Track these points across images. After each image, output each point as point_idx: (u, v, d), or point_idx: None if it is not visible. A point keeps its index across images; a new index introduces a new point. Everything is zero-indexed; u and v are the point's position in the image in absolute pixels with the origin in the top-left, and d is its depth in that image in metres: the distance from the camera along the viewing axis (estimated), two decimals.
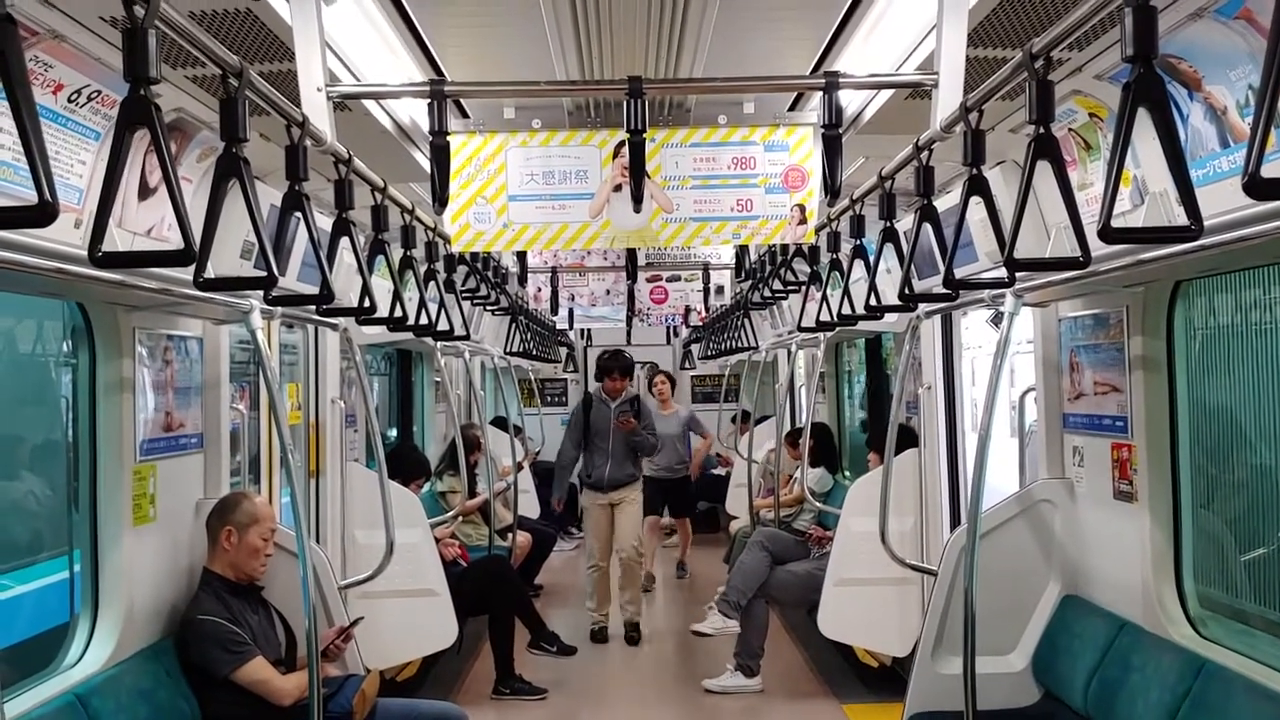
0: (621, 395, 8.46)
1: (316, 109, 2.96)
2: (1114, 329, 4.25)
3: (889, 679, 6.40)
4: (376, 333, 6.06)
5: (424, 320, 4.27)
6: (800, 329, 5.32)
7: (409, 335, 5.03)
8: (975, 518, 3.87)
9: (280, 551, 4.39)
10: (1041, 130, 2.19)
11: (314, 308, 3.00)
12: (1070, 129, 3.89)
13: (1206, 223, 2.80)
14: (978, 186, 2.61)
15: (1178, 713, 3.69)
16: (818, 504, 7.32)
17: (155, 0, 1.75)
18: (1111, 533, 4.38)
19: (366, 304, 3.14)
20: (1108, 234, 1.79)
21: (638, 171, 3.04)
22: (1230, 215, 2.62)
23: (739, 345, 9.38)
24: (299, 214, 2.56)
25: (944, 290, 3.00)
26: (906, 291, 3.31)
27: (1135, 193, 3.65)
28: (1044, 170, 2.35)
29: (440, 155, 3.03)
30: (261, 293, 3.10)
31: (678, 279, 9.05)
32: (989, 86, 2.49)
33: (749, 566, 7.04)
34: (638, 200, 3.10)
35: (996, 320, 7.20)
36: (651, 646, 8.24)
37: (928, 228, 3.27)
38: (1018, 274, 3.74)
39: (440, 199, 3.09)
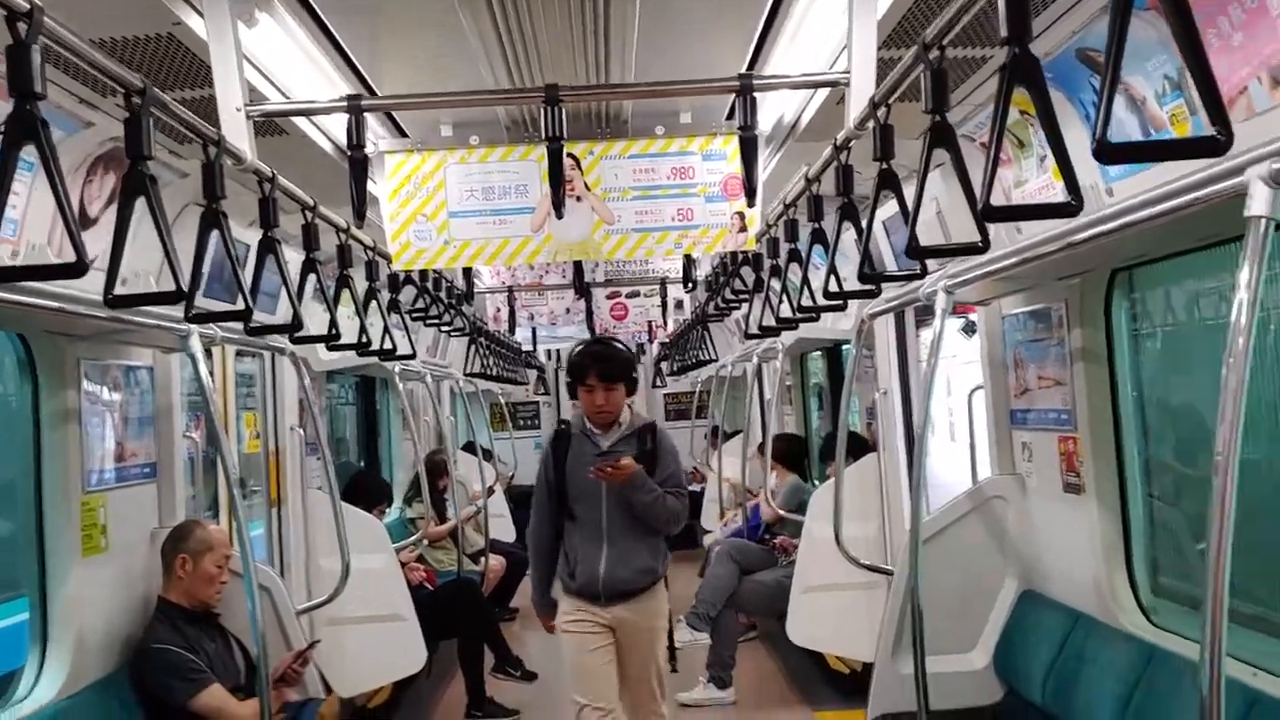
0: (619, 422, 4.68)
1: (236, 129, 2.99)
2: (1054, 323, 4.30)
3: (860, 684, 6.39)
4: (333, 358, 6.07)
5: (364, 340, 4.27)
6: (747, 335, 5.36)
7: (367, 360, 5.05)
8: (917, 515, 3.90)
9: (238, 578, 4.38)
10: (938, 118, 2.23)
11: (244, 329, 2.99)
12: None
13: (1121, 205, 2.88)
14: (888, 181, 2.66)
15: (1130, 700, 3.72)
16: (782, 512, 7.33)
17: (38, 17, 1.77)
18: (1063, 526, 4.42)
19: (294, 321, 3.16)
20: (989, 212, 1.83)
21: (557, 179, 3.08)
22: (1141, 197, 2.66)
23: (703, 359, 9.39)
24: (216, 231, 2.58)
25: (867, 287, 3.04)
26: (829, 290, 3.34)
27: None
28: (978, 164, 2.38)
29: (358, 168, 3.06)
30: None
31: (637, 294, 9.01)
32: (891, 81, 2.54)
33: (717, 578, 7.06)
34: (559, 206, 3.14)
35: (968, 329, 7.24)
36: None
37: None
38: (952, 271, 3.82)
39: (359, 211, 3.12)
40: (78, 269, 1.85)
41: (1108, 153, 1.45)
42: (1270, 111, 2.58)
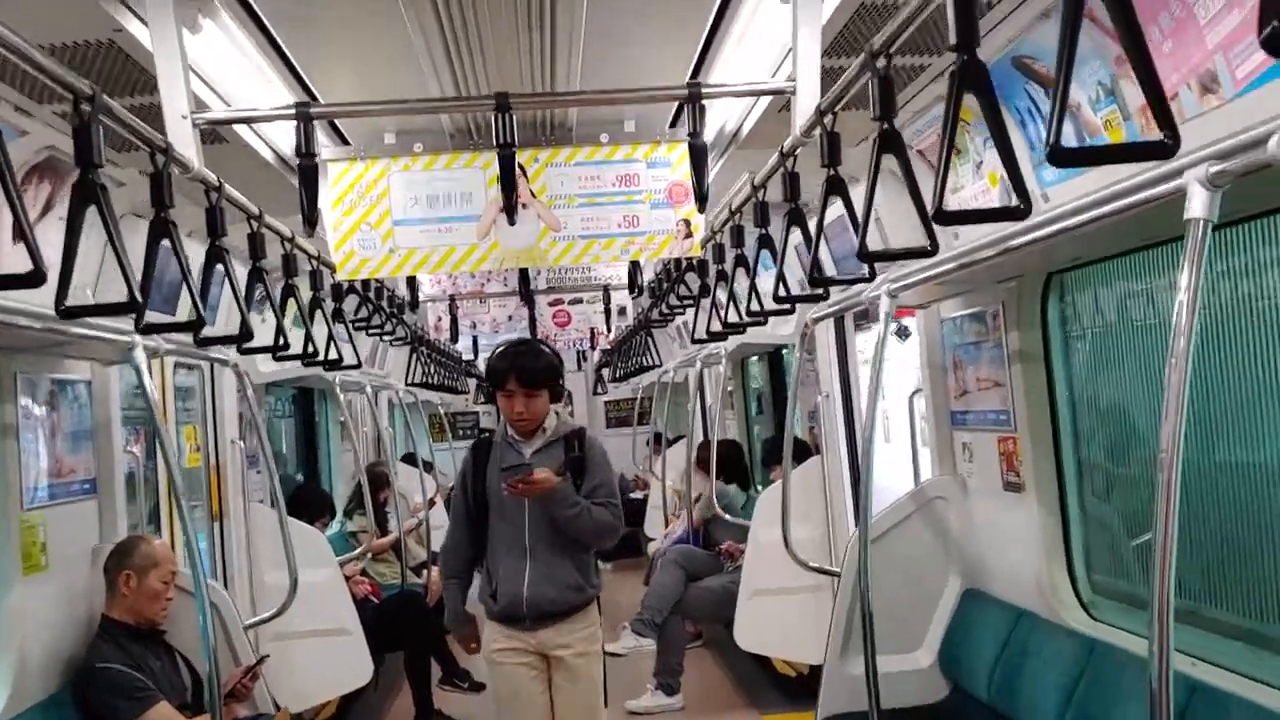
0: (543, 429, 4.37)
1: (183, 137, 2.96)
2: (992, 325, 4.39)
3: (807, 687, 6.45)
4: (274, 370, 6.00)
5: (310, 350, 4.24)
6: (694, 341, 5.40)
7: (308, 370, 5.00)
8: (865, 517, 3.95)
9: (183, 594, 4.32)
10: (886, 126, 2.28)
11: (193, 340, 2.96)
12: (939, 134, 4.02)
13: (1060, 209, 2.96)
14: (835, 187, 2.71)
15: (1074, 692, 3.81)
16: (727, 517, 7.37)
17: None
18: (1004, 524, 4.50)
19: (243, 331, 3.13)
20: (941, 216, 1.88)
21: (509, 186, 3.09)
22: (1078, 202, 2.73)
23: (646, 365, 9.43)
24: (167, 242, 2.55)
25: (816, 291, 3.09)
26: (778, 294, 3.39)
27: (1004, 191, 3.79)
28: (922, 174, 2.44)
29: (308, 177, 3.05)
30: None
31: (579, 301, 9.00)
32: (838, 89, 2.59)
33: (664, 585, 7.10)
34: (510, 212, 3.15)
35: (901, 333, 7.39)
36: None
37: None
38: (894, 276, 3.89)
39: (309, 220, 3.11)
40: (36, 278, 1.82)
41: (1060, 157, 1.50)
42: (1201, 116, 2.67)
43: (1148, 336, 3.91)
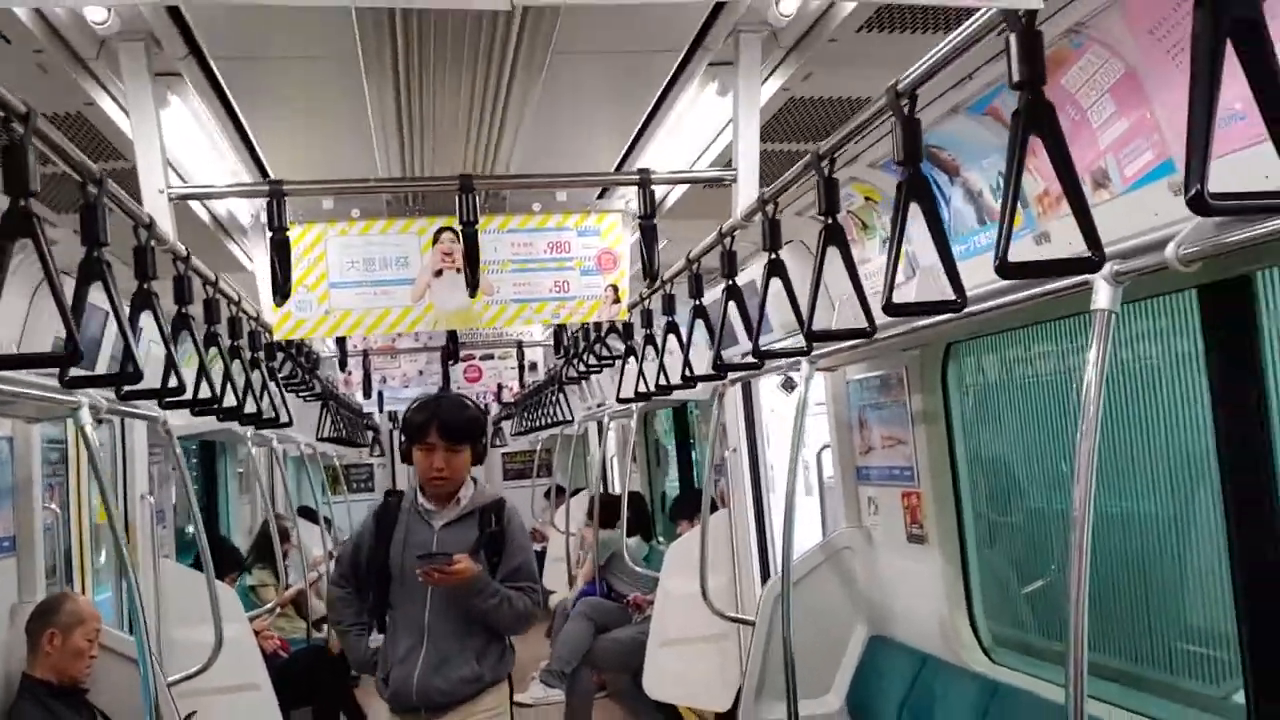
0: (458, 497, 4.13)
1: (159, 210, 3.07)
2: (895, 388, 4.70)
3: None
4: (187, 423, 6.00)
5: (250, 407, 4.32)
6: (620, 400, 5.60)
7: (221, 424, 5.03)
8: (787, 566, 4.18)
9: (104, 652, 4.31)
10: (830, 221, 2.53)
11: (157, 403, 3.05)
12: (849, 211, 4.33)
13: (970, 293, 3.26)
14: (776, 269, 2.95)
15: None
16: (636, 568, 7.56)
17: (33, 119, 1.88)
18: (908, 574, 4.79)
19: (206, 394, 3.23)
20: (890, 308, 2.13)
21: (473, 259, 3.25)
22: (988, 286, 3.03)
23: (553, 419, 9.58)
24: (149, 311, 2.66)
25: (751, 360, 3.33)
26: (718, 362, 3.62)
27: (908, 266, 4.11)
28: (831, 253, 2.70)
29: (281, 250, 3.18)
30: (92, 390, 3.19)
31: (491, 357, 9.17)
32: (782, 182, 2.84)
33: (572, 636, 7.22)
34: (473, 286, 3.31)
35: (786, 385, 7.71)
36: None
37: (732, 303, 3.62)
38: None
39: (283, 291, 3.23)
40: (74, 358, 1.93)
41: (1007, 270, 1.76)
42: (1094, 208, 3.00)
43: (1040, 400, 4.26)
